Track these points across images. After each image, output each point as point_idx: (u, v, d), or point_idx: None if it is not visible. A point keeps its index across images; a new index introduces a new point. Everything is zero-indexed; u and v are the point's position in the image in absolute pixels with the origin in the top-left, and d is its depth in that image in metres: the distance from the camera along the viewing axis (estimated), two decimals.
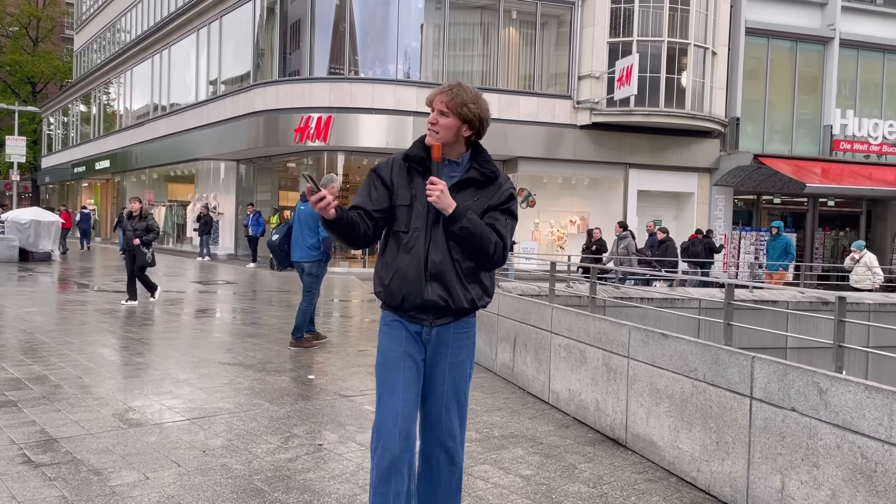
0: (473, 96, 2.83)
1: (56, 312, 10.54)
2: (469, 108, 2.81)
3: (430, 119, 2.85)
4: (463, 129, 2.83)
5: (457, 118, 2.81)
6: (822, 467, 3.43)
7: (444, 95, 2.81)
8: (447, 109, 2.80)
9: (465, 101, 2.80)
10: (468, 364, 3.01)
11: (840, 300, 4.07)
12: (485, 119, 2.87)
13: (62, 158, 42.69)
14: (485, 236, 2.77)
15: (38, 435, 4.63)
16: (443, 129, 2.81)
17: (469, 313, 2.95)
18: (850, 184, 20.77)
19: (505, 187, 2.92)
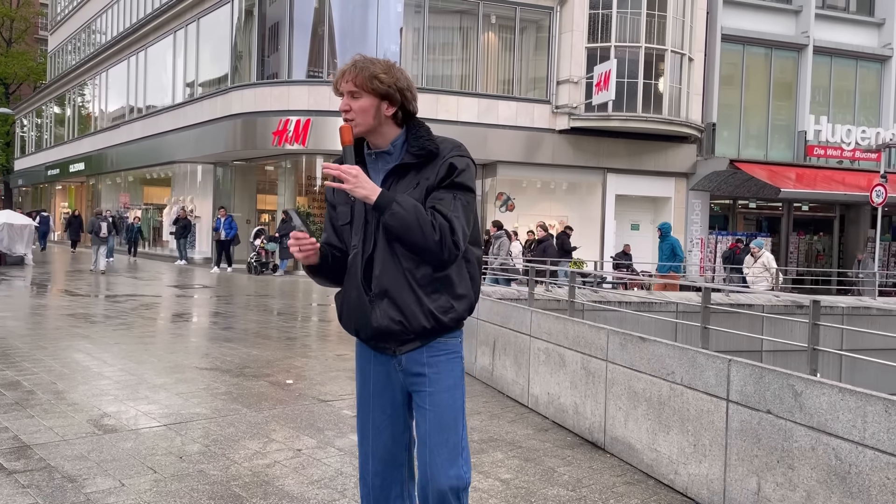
0: (384, 65, 2.37)
1: (29, 317, 10.38)
2: (381, 80, 2.33)
3: (341, 106, 2.38)
4: (383, 107, 2.37)
5: (371, 95, 2.34)
6: (798, 469, 3.47)
7: (348, 73, 2.35)
8: (356, 88, 2.34)
9: (374, 73, 2.33)
10: (456, 394, 2.42)
11: (814, 304, 4.12)
12: (405, 88, 2.39)
13: (36, 161, 42.10)
14: (422, 222, 2.23)
15: (10, 441, 4.56)
16: (359, 114, 2.35)
17: (439, 332, 2.38)
18: (823, 189, 21.08)
19: (446, 158, 2.34)
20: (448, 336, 2.41)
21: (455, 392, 2.42)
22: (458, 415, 2.41)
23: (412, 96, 2.43)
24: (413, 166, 2.37)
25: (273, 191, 22.73)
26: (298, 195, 20.86)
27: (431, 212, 2.28)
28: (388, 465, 2.48)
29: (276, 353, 8.07)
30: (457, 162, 2.35)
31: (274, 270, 20.01)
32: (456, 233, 2.26)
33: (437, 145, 2.38)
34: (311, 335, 9.89)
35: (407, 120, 2.44)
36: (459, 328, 2.45)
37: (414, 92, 2.44)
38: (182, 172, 26.29)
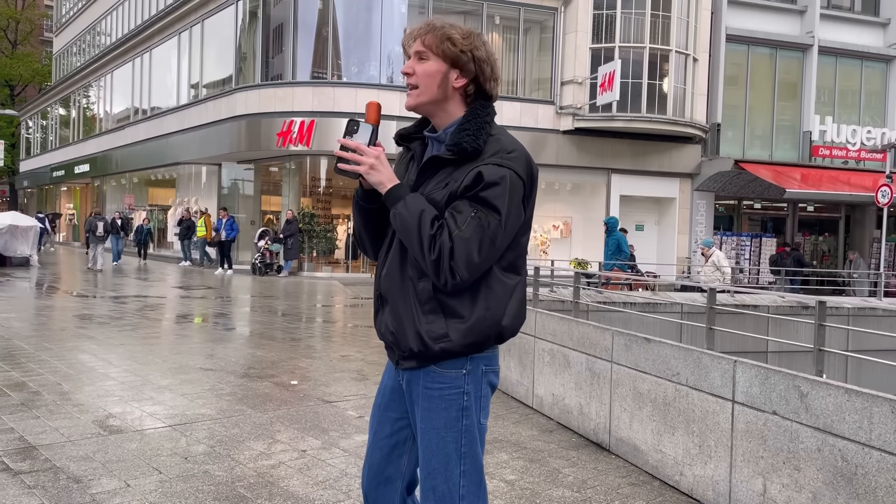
0: (463, 30, 2.02)
1: (34, 318, 10.41)
2: (454, 41, 1.99)
3: (404, 69, 2.05)
4: (452, 76, 2.02)
5: (440, 59, 2.00)
6: (804, 470, 3.46)
7: (418, 31, 2.04)
8: (424, 48, 2.01)
9: (448, 34, 1.99)
10: (446, 438, 2.03)
11: (820, 304, 4.11)
12: (483, 60, 2.03)
13: (41, 162, 42.23)
14: (423, 233, 1.90)
15: (16, 442, 4.57)
16: (423, 79, 2.01)
17: (428, 359, 2.02)
18: (829, 189, 21.02)
19: (478, 163, 1.95)
20: (446, 366, 2.02)
21: (445, 435, 2.02)
22: (448, 462, 2.03)
23: (491, 73, 2.06)
24: (446, 162, 1.99)
25: (277, 192, 22.75)
26: (303, 196, 20.88)
27: (441, 224, 1.92)
28: (379, 485, 2.20)
29: (280, 354, 8.08)
30: (488, 172, 1.93)
31: (278, 271, 20.02)
32: (456, 258, 1.89)
33: (477, 143, 1.97)
34: (316, 336, 9.90)
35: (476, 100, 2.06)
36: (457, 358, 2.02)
37: (495, 69, 2.08)
38: (186, 174, 26.34)
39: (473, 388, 2.05)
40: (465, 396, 2.04)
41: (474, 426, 2.05)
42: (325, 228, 20.39)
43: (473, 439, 2.05)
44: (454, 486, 2.04)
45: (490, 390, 2.11)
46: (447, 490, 2.04)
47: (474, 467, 2.06)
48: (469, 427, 2.03)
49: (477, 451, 2.06)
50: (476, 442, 2.06)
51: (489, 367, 2.09)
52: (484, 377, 2.07)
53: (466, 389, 2.04)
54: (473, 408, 2.05)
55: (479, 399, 2.06)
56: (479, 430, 2.07)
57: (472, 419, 2.04)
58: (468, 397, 2.04)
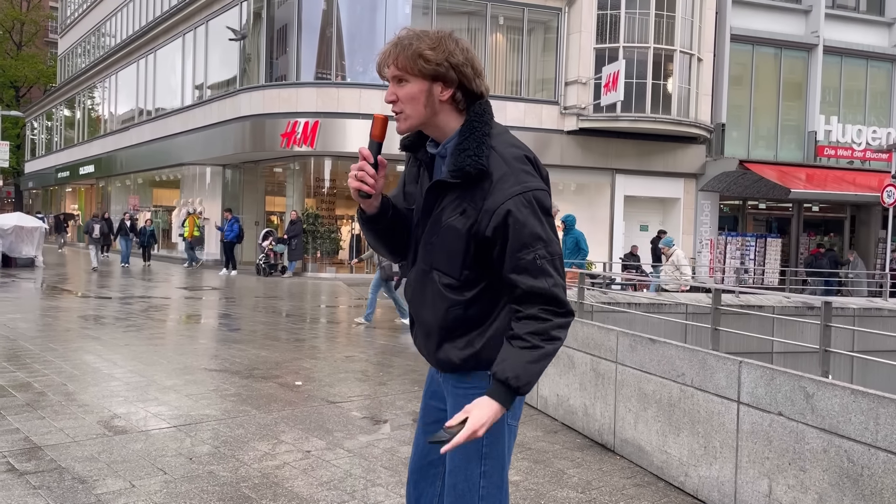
0: (432, 39, 1.89)
1: (40, 319, 10.44)
2: (426, 58, 1.87)
3: (386, 97, 1.96)
4: (436, 90, 1.90)
5: (419, 78, 1.89)
6: (809, 471, 3.45)
7: (390, 55, 1.92)
8: (400, 71, 1.91)
9: (419, 50, 1.87)
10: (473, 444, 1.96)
11: (826, 305, 4.10)
12: (461, 64, 1.90)
13: (46, 163, 42.35)
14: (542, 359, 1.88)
15: (22, 443, 4.58)
16: (407, 104, 1.91)
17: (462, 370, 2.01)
18: (834, 189, 20.96)
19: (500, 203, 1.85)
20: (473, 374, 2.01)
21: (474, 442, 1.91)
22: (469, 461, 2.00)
23: (473, 73, 1.93)
24: (453, 185, 1.92)
25: (281, 192, 22.77)
26: (307, 197, 20.90)
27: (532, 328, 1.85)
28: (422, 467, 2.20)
29: (284, 355, 8.08)
30: (517, 212, 1.84)
31: (282, 272, 20.04)
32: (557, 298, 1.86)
33: (480, 163, 1.86)
34: (320, 337, 9.90)
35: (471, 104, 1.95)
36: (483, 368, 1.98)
37: (476, 67, 1.95)
38: (191, 174, 26.39)
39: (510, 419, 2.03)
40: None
41: (500, 427, 2.00)
42: (329, 229, 20.40)
43: (497, 441, 2.01)
44: (474, 486, 2.00)
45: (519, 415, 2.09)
46: (466, 489, 2.00)
47: (496, 469, 2.01)
48: (493, 430, 1.96)
49: (501, 452, 2.02)
50: (501, 444, 2.02)
51: None
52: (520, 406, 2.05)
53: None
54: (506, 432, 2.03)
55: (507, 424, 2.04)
56: (507, 431, 2.03)
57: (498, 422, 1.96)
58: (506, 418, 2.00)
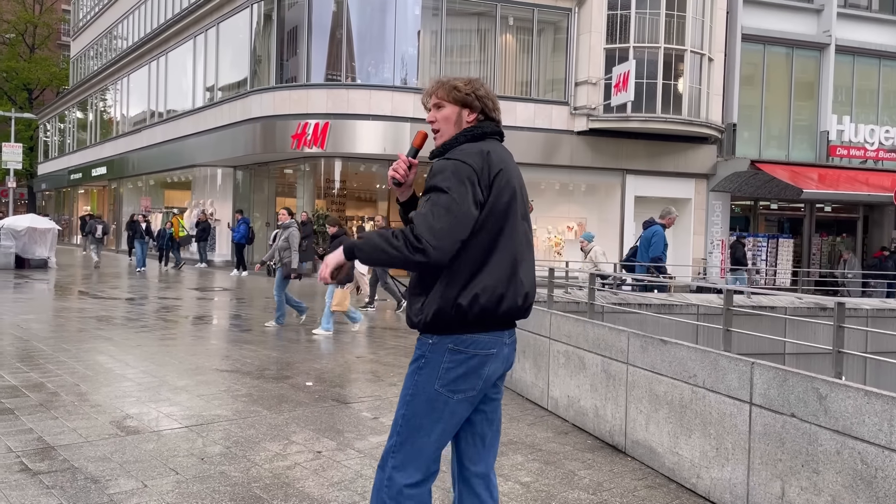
0: (464, 79, 2.63)
1: (53, 319, 10.51)
2: (459, 88, 2.58)
3: (429, 118, 2.65)
4: (465, 114, 2.59)
5: (452, 104, 2.59)
6: (823, 473, 3.43)
7: (433, 88, 2.64)
8: (440, 99, 2.61)
9: (455, 84, 2.59)
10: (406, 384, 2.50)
11: (839, 306, 4.07)
12: (484, 97, 2.60)
13: (59, 165, 42.64)
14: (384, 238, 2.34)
15: (35, 443, 4.61)
16: (442, 123, 2.60)
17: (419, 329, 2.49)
18: (846, 189, 20.81)
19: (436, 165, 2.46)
20: (423, 337, 2.49)
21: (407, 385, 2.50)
22: (401, 400, 2.50)
23: (493, 105, 2.63)
24: None
25: (292, 194, 22.84)
26: (317, 198, 20.95)
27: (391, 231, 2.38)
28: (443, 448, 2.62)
29: (295, 356, 8.11)
30: (434, 166, 2.46)
31: None
32: (417, 229, 2.30)
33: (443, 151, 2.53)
34: (330, 338, 9.92)
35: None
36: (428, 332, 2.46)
37: (495, 102, 2.65)
38: (202, 176, 26.51)
39: (432, 355, 2.45)
40: (423, 360, 2.46)
41: (425, 386, 2.44)
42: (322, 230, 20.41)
43: (418, 393, 2.45)
44: (397, 422, 2.50)
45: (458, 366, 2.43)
46: (395, 421, 2.51)
47: (413, 414, 2.45)
48: (419, 383, 2.45)
49: (418, 406, 2.45)
50: (420, 399, 2.45)
51: (459, 347, 2.43)
52: (449, 352, 2.43)
53: (426, 355, 2.45)
54: (427, 370, 2.45)
55: (440, 367, 2.43)
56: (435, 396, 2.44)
57: (425, 380, 2.44)
58: (424, 360, 2.46)
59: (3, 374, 6.59)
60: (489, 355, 2.46)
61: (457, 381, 2.44)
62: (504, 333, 2.51)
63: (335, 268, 2.47)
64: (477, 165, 2.42)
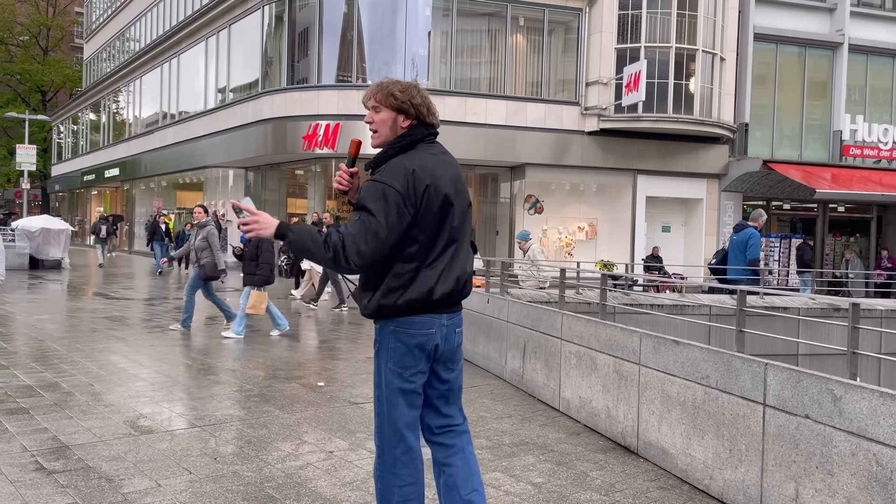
0: (402, 84, 2.82)
1: (66, 320, 10.59)
2: (396, 95, 2.78)
3: (366, 119, 2.87)
4: (400, 119, 2.81)
5: (388, 109, 2.80)
6: (837, 475, 3.40)
7: (372, 91, 2.84)
8: (378, 103, 2.83)
9: (392, 91, 2.78)
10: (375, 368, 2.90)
11: (854, 307, 4.04)
12: (420, 104, 2.80)
13: (72, 166, 42.95)
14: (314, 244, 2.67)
15: (50, 442, 4.65)
16: (379, 124, 2.83)
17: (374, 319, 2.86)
18: (860, 189, 20.65)
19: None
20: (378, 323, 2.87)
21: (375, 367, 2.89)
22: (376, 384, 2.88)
23: (428, 111, 2.83)
24: None
25: (303, 195, 22.90)
26: (328, 199, 20.99)
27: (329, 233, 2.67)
28: None
29: (307, 356, 8.13)
30: (365, 186, 2.73)
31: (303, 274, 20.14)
32: (347, 248, 2.64)
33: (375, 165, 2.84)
34: (341, 338, 9.94)
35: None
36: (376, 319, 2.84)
37: (431, 108, 2.84)
38: (214, 177, 26.62)
39: (382, 339, 2.84)
40: (377, 344, 2.87)
41: (381, 366, 2.85)
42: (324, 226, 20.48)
43: (381, 376, 2.85)
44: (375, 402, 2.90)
45: (402, 346, 2.81)
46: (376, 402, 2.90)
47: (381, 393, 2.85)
48: (379, 366, 2.87)
49: (384, 386, 2.83)
50: (380, 375, 2.85)
51: (399, 329, 2.80)
52: (393, 335, 2.80)
53: (378, 339, 2.86)
54: (382, 353, 2.85)
55: (388, 349, 2.82)
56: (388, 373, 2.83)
57: (381, 361, 2.86)
58: (379, 345, 2.87)
59: (18, 373, 6.65)
60: (427, 335, 2.81)
61: (403, 359, 2.82)
62: (442, 316, 2.83)
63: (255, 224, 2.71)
64: (402, 188, 2.67)
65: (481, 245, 21.43)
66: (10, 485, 3.89)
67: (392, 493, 2.86)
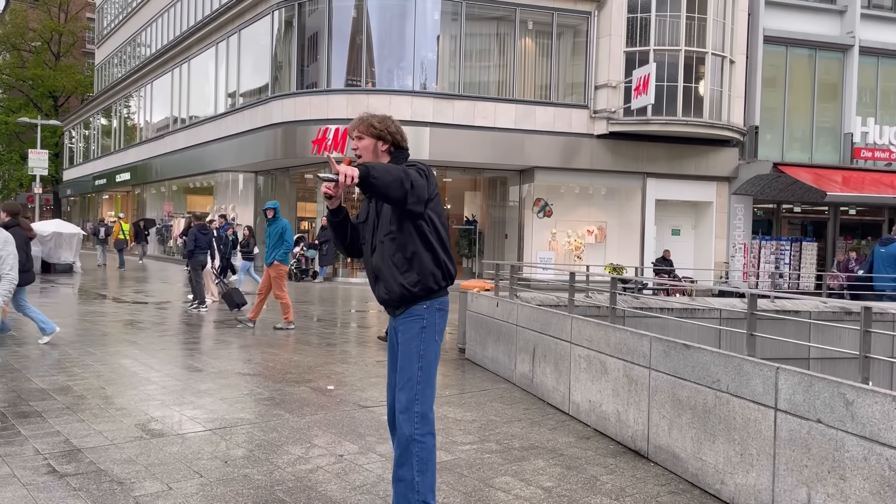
0: (379, 117, 3.46)
1: (78, 324, 10.65)
2: (375, 126, 3.42)
3: (353, 146, 3.48)
4: (379, 145, 3.43)
5: (370, 137, 3.42)
6: (849, 480, 3.38)
7: (355, 124, 3.47)
8: (360, 133, 3.45)
9: (371, 122, 3.43)
10: (413, 345, 3.35)
11: (866, 310, 4.02)
12: (395, 132, 3.44)
13: (83, 171, 43.22)
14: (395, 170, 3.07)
15: (62, 445, 4.68)
16: (363, 150, 3.45)
17: (410, 301, 3.33)
18: (871, 192, 20.53)
19: None
20: (417, 305, 3.36)
21: (413, 343, 3.36)
22: (412, 359, 3.35)
23: (402, 138, 3.49)
24: None
25: (312, 199, 22.97)
26: None
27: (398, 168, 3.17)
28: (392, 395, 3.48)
29: (316, 359, 8.15)
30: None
31: (314, 277, 20.21)
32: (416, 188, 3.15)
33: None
34: (351, 341, 9.95)
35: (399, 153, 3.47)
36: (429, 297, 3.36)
37: (403, 135, 3.50)
38: (224, 181, 26.74)
39: (429, 316, 3.38)
40: (424, 320, 3.37)
41: (429, 341, 3.38)
42: None
43: (428, 347, 3.37)
44: (413, 374, 3.34)
45: (443, 321, 3.45)
46: (410, 376, 3.35)
47: (427, 364, 3.37)
48: (426, 340, 3.37)
49: (430, 357, 3.38)
50: (428, 349, 3.37)
51: (442, 307, 3.45)
52: (438, 312, 3.41)
53: (425, 316, 3.37)
54: (429, 330, 3.38)
55: (435, 325, 3.40)
56: (436, 346, 3.41)
57: (429, 336, 3.38)
58: (425, 321, 3.38)
59: (31, 377, 6.69)
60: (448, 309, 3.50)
61: (441, 332, 3.47)
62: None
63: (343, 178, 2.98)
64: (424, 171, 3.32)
65: (490, 248, 21.43)
66: (22, 488, 3.92)
67: (433, 451, 3.35)
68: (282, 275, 10.51)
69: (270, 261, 10.53)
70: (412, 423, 3.29)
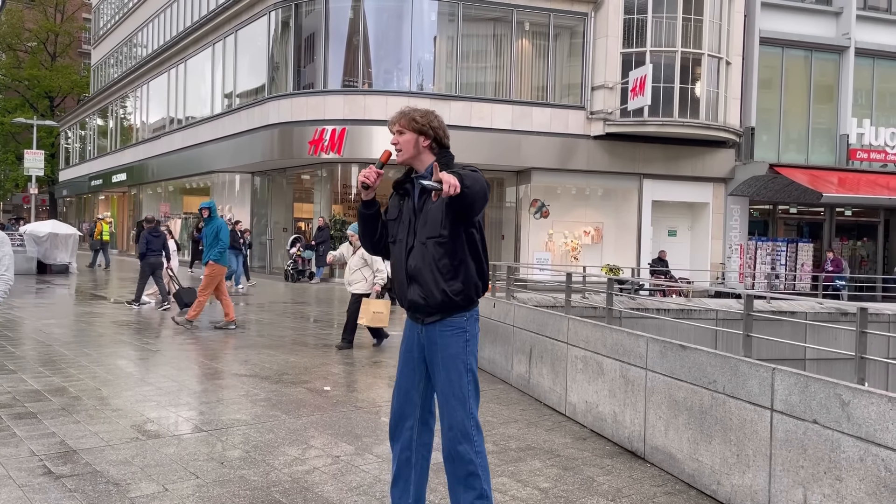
0: (421, 111, 3.27)
1: (74, 324, 10.62)
2: (417, 120, 3.22)
3: (392, 141, 3.30)
4: (420, 140, 3.24)
5: (411, 132, 3.23)
6: (846, 480, 3.39)
7: (397, 117, 3.28)
8: (402, 128, 3.25)
9: (413, 116, 3.24)
10: (461, 359, 3.20)
11: (862, 311, 4.03)
12: (437, 127, 3.24)
13: (79, 172, 43.13)
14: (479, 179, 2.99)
15: (58, 446, 4.66)
16: (403, 144, 3.26)
17: (449, 310, 3.18)
18: (867, 193, 20.59)
19: None
20: (456, 315, 3.21)
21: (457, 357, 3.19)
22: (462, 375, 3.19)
23: (444, 134, 3.27)
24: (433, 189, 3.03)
25: (309, 199, 22.95)
26: (334, 203, 21.04)
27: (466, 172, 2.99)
28: (405, 403, 3.31)
29: (313, 360, 8.14)
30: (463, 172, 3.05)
31: (310, 278, 20.19)
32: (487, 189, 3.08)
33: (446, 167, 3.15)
34: None
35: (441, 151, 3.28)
36: (469, 308, 3.23)
37: (446, 131, 3.28)
38: (220, 182, 26.71)
39: (470, 328, 3.25)
40: (467, 333, 3.23)
41: (470, 353, 3.24)
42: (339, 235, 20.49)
43: (468, 359, 3.23)
44: (463, 388, 3.19)
45: (478, 328, 3.33)
46: (461, 392, 3.18)
47: (475, 375, 3.24)
48: (471, 351, 3.24)
49: (471, 366, 3.23)
50: (471, 361, 3.23)
51: (478, 315, 3.33)
52: (476, 322, 3.29)
53: (467, 328, 3.24)
54: (472, 342, 3.25)
55: (475, 336, 3.28)
56: (476, 357, 3.28)
57: (470, 348, 3.23)
58: (468, 333, 3.24)
59: (26, 378, 6.68)
60: None
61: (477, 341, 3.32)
62: None
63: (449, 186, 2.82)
64: None
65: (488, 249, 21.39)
66: (18, 489, 3.91)
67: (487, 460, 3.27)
68: (215, 275, 10.53)
69: (206, 260, 10.66)
70: (470, 439, 3.16)
